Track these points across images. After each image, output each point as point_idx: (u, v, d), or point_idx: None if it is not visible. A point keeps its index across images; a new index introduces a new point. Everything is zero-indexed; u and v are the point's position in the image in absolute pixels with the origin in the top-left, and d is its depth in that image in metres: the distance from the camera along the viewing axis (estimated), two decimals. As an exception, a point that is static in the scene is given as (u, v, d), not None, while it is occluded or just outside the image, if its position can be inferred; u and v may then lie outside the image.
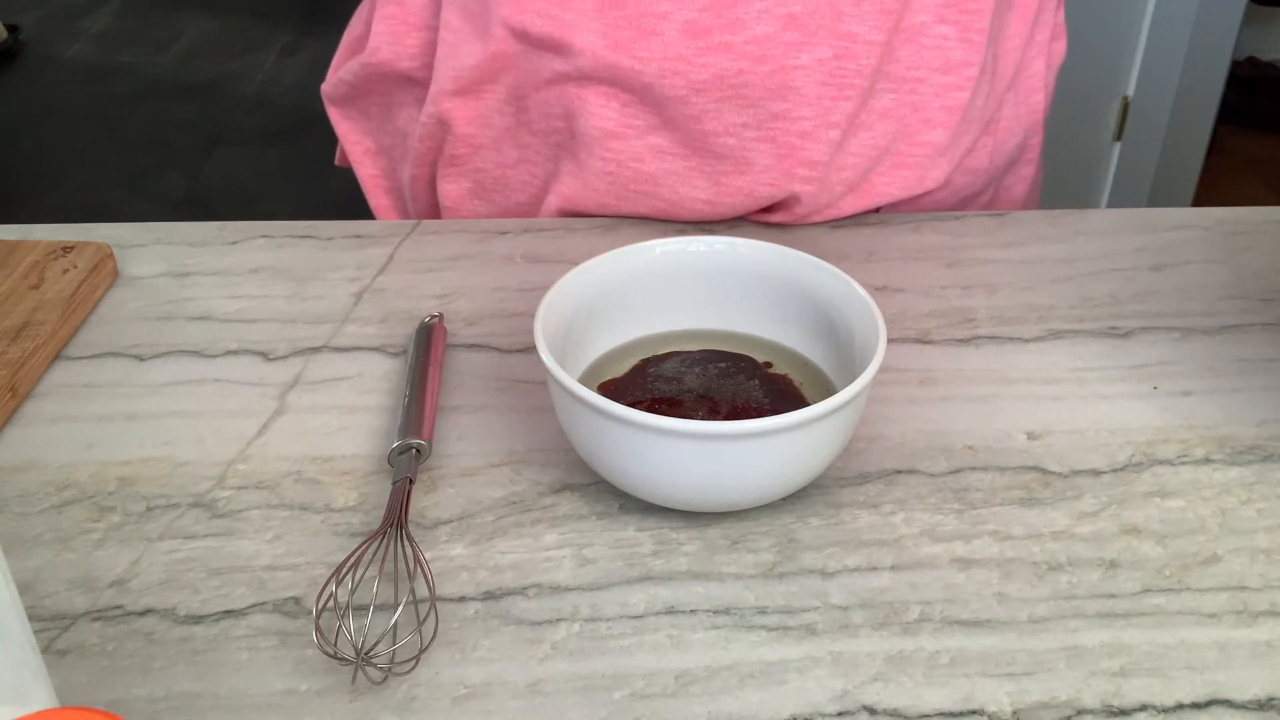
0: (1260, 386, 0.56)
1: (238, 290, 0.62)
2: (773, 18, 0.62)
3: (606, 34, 0.62)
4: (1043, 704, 0.40)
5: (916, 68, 0.66)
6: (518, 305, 0.61)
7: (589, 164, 0.67)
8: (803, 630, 0.43)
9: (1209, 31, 1.86)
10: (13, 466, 0.50)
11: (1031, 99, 0.71)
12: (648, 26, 0.62)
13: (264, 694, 0.40)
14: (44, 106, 2.91)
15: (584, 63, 0.63)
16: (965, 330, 0.59)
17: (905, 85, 0.66)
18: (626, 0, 0.62)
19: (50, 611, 0.43)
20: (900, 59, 0.65)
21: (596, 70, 0.64)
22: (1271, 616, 0.44)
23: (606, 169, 0.67)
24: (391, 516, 0.45)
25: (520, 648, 0.42)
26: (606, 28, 0.62)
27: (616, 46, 0.62)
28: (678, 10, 0.62)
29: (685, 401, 0.50)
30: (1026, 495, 0.49)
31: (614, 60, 0.63)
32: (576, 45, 0.63)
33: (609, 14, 0.62)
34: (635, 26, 0.62)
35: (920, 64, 0.66)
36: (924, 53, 0.65)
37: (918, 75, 0.66)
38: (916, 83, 0.66)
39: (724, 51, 0.62)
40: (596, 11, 0.62)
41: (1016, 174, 0.74)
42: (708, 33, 0.62)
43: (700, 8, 0.62)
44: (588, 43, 0.63)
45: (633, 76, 0.63)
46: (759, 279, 0.53)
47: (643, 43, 0.62)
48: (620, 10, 0.62)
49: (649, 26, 0.62)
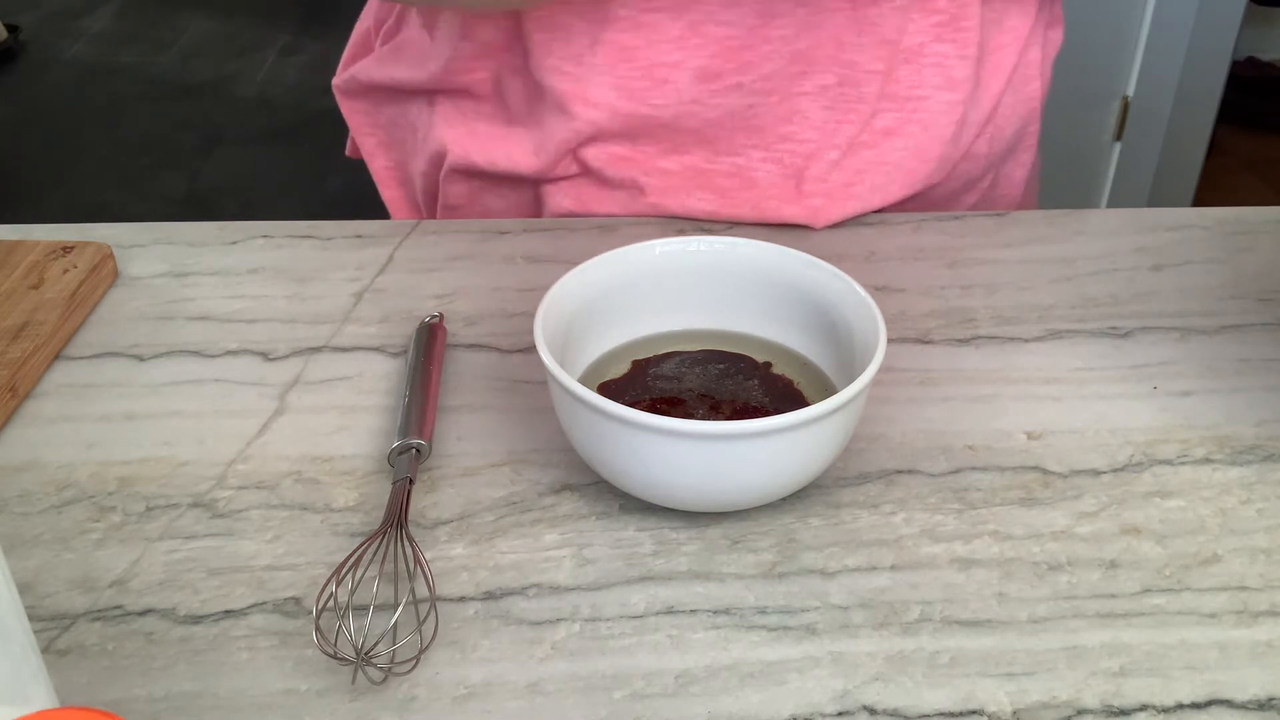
0: (1260, 386, 0.56)
1: (238, 290, 0.62)
2: (780, 55, 0.64)
3: (619, 86, 0.64)
4: (1043, 704, 0.40)
5: (918, 86, 0.67)
6: (518, 305, 0.61)
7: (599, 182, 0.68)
8: (803, 630, 0.43)
9: (1209, 31, 1.86)
10: (13, 466, 0.50)
11: (1029, 87, 0.72)
12: (660, 76, 0.63)
13: (264, 694, 0.40)
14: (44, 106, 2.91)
15: (598, 115, 0.65)
16: (965, 330, 0.59)
17: (908, 104, 0.67)
18: (636, 54, 0.63)
19: (50, 611, 0.43)
20: (901, 79, 0.67)
21: (611, 122, 0.65)
22: (1271, 616, 0.44)
23: (616, 183, 0.68)
24: (391, 516, 0.45)
25: (520, 648, 0.42)
26: (619, 80, 0.64)
27: (631, 97, 0.64)
28: (689, 59, 0.63)
29: (685, 401, 0.50)
30: (1026, 495, 0.49)
31: (630, 109, 0.64)
32: (591, 98, 0.64)
33: (620, 68, 0.63)
34: (648, 77, 0.64)
35: (921, 82, 0.67)
36: (924, 71, 0.67)
37: (920, 93, 0.67)
38: (918, 100, 0.67)
39: (735, 92, 0.64)
40: (608, 66, 0.63)
41: (1016, 160, 0.75)
42: (719, 76, 0.64)
43: (710, 54, 0.63)
44: (601, 96, 0.64)
45: (648, 121, 0.65)
46: (759, 279, 0.53)
47: (656, 91, 0.64)
48: (631, 63, 0.63)
49: (661, 76, 0.64)
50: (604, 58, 0.63)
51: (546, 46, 0.64)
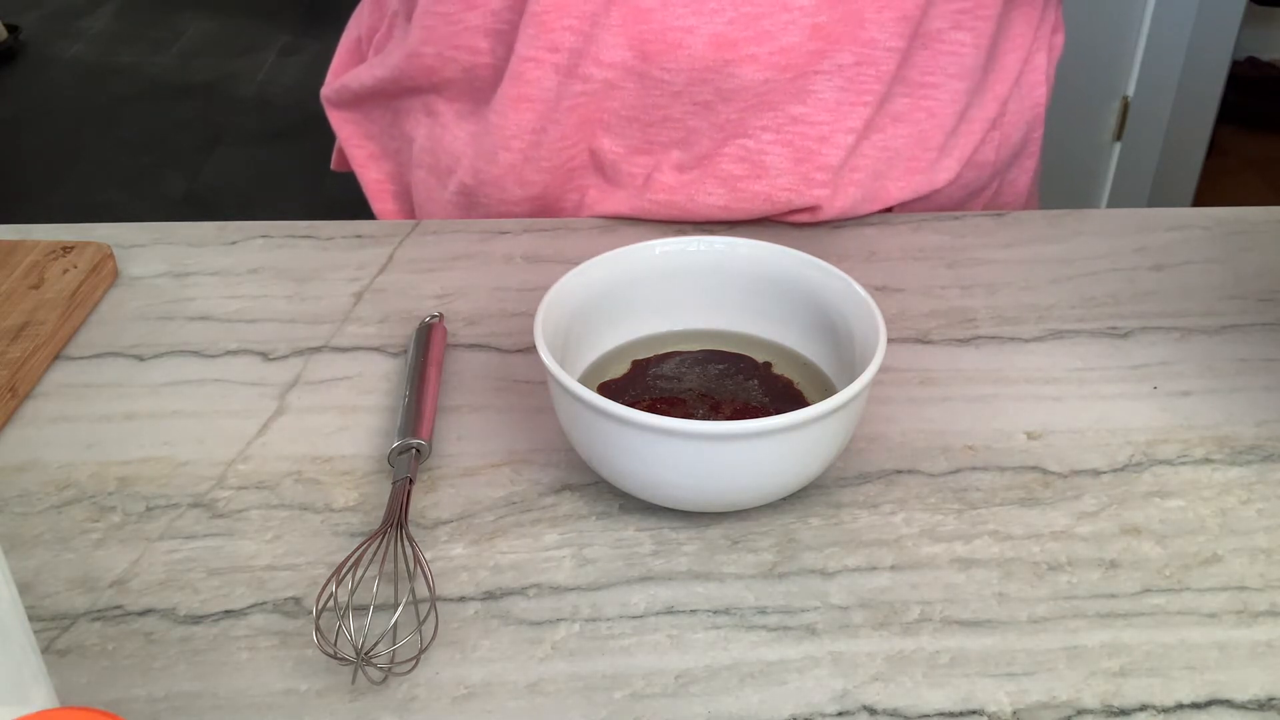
0: (1260, 386, 0.56)
1: (238, 290, 0.62)
2: (799, 28, 0.62)
3: (634, 47, 0.63)
4: (1043, 704, 0.40)
5: (931, 73, 0.67)
6: (518, 305, 0.61)
7: (606, 181, 0.68)
8: (803, 630, 0.43)
9: (1209, 31, 1.86)
10: (13, 466, 0.50)
11: (1034, 93, 0.72)
12: (674, 40, 0.62)
13: (264, 694, 0.40)
14: (44, 106, 2.91)
15: (612, 75, 0.63)
16: (965, 330, 0.59)
17: (920, 90, 0.67)
18: (652, 14, 0.62)
19: (50, 611, 0.43)
20: (916, 64, 0.66)
21: (625, 80, 0.64)
22: (1271, 616, 0.44)
23: (623, 183, 0.67)
24: (391, 516, 0.45)
25: (520, 648, 0.42)
26: (633, 41, 0.62)
27: (645, 59, 0.63)
28: (704, 24, 0.62)
29: (685, 401, 0.50)
30: (1026, 495, 0.49)
31: (643, 70, 0.63)
32: (605, 59, 0.63)
33: (634, 28, 0.62)
34: (662, 40, 0.62)
35: (935, 69, 0.67)
36: (940, 59, 0.66)
37: (932, 80, 0.67)
38: (931, 88, 0.67)
39: (751, 63, 0.63)
40: (622, 26, 0.62)
41: (1020, 166, 0.75)
42: (734, 45, 0.62)
43: (727, 21, 0.62)
44: (617, 57, 0.63)
45: (661, 86, 0.64)
46: (759, 279, 0.53)
47: (670, 55, 0.63)
48: (646, 24, 0.62)
49: (675, 40, 0.62)
50: (618, 17, 0.62)
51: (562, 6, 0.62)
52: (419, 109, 0.72)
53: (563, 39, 0.63)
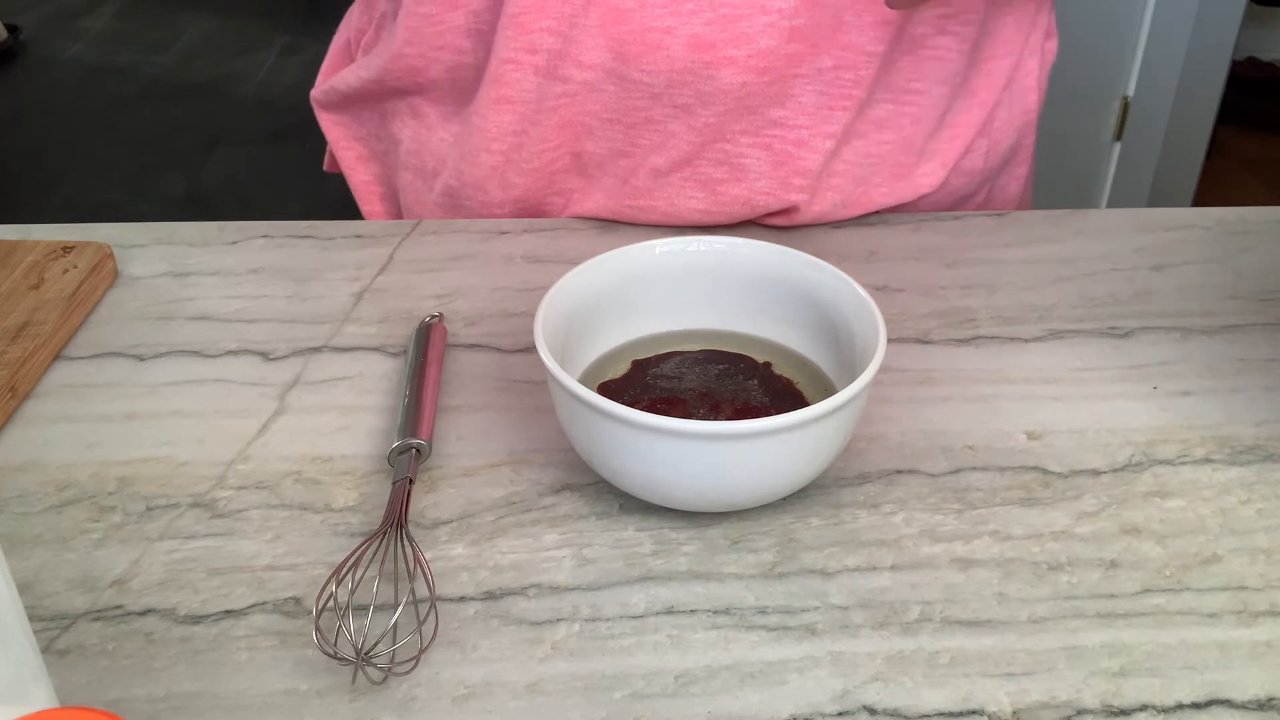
0: (1260, 386, 0.56)
1: (238, 290, 0.62)
2: (777, 31, 0.62)
3: (613, 48, 0.62)
4: (1043, 704, 0.40)
5: (916, 79, 0.66)
6: (518, 305, 0.61)
7: (588, 183, 0.67)
8: (803, 630, 0.43)
9: (1209, 31, 1.86)
10: (13, 466, 0.50)
11: (1026, 99, 0.72)
12: (653, 41, 0.62)
13: (264, 694, 0.40)
14: (44, 106, 2.91)
15: (592, 77, 0.63)
16: (965, 330, 0.59)
17: (904, 96, 0.66)
18: (630, 15, 0.61)
19: (50, 611, 0.43)
20: (900, 69, 0.66)
21: (605, 82, 0.63)
22: (1271, 616, 0.44)
23: (604, 185, 0.67)
24: (391, 516, 0.45)
25: (520, 648, 0.42)
26: (611, 42, 0.62)
27: (624, 60, 0.62)
28: (682, 25, 0.61)
29: (685, 401, 0.50)
30: (1026, 495, 0.49)
31: (623, 71, 0.63)
32: (584, 60, 0.63)
33: (612, 29, 0.62)
34: (640, 41, 0.62)
35: (919, 75, 0.66)
36: (924, 64, 0.66)
37: (916, 86, 0.66)
38: (915, 94, 0.66)
39: (729, 66, 0.62)
40: (600, 27, 0.62)
41: (1010, 174, 0.75)
42: (713, 47, 0.62)
43: (704, 22, 0.61)
44: (596, 58, 0.63)
45: (641, 89, 0.63)
46: (759, 279, 0.53)
47: (649, 56, 0.62)
48: (624, 25, 0.62)
49: (654, 41, 0.62)
50: (596, 18, 0.62)
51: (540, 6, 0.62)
52: (405, 111, 0.71)
53: (541, 40, 0.63)
